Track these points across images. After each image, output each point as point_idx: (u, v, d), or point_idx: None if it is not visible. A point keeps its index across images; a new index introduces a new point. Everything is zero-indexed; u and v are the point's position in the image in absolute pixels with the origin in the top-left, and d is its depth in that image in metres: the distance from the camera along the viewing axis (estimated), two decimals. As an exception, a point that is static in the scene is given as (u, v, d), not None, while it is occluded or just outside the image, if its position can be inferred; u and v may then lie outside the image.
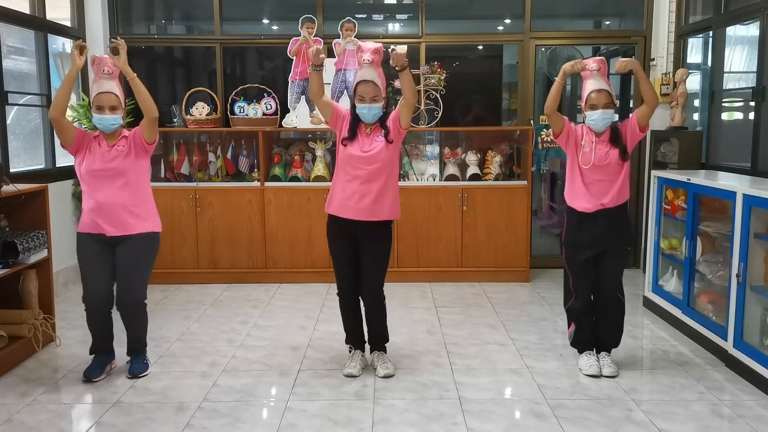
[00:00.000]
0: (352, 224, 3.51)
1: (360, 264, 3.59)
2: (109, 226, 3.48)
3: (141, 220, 3.54)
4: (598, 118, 3.46)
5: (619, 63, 3.49)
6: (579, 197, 3.55)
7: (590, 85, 3.48)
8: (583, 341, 3.72)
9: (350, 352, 3.76)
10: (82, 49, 3.41)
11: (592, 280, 3.62)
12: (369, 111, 3.43)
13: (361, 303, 3.69)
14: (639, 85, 3.50)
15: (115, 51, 3.46)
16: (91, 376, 3.56)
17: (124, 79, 3.50)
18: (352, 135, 3.48)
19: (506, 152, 5.85)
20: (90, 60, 3.51)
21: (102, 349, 3.66)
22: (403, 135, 3.54)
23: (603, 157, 3.46)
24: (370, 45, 3.46)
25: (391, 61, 3.35)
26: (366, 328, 3.76)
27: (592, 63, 3.48)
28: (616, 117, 3.59)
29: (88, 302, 3.56)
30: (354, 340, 3.76)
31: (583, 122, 3.59)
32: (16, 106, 4.98)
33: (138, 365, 3.67)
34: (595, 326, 3.69)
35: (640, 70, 3.51)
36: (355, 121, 3.51)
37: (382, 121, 3.51)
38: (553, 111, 3.51)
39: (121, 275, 3.56)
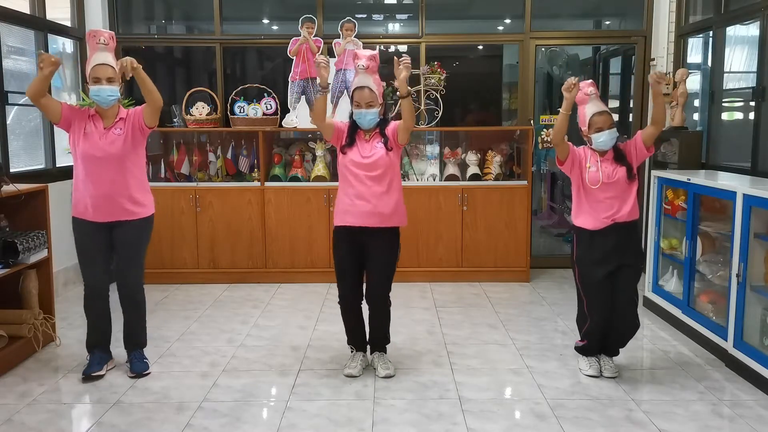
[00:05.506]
0: (358, 231, 3.51)
1: (367, 269, 3.60)
2: (106, 213, 3.48)
3: (139, 206, 3.54)
4: (606, 139, 3.44)
5: (654, 77, 3.45)
6: (588, 216, 3.52)
7: (591, 109, 3.46)
8: (589, 350, 3.70)
9: (351, 352, 3.76)
10: (47, 61, 3.24)
11: (609, 301, 3.53)
12: (365, 116, 3.46)
13: (364, 306, 3.68)
14: (654, 105, 3.50)
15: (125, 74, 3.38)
16: (90, 371, 3.56)
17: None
18: (351, 141, 3.51)
19: (506, 152, 5.85)
20: (86, 35, 3.47)
21: (98, 343, 3.65)
22: (401, 148, 3.59)
23: (611, 174, 3.45)
24: (365, 52, 3.50)
25: (396, 83, 3.42)
26: (368, 330, 3.76)
27: (589, 88, 3.46)
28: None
29: (88, 285, 3.58)
30: (356, 341, 3.76)
31: (585, 146, 3.57)
32: (16, 106, 4.97)
33: (139, 364, 3.66)
34: (604, 336, 3.65)
35: (660, 94, 3.49)
36: (354, 128, 3.54)
37: (381, 129, 3.53)
38: (560, 142, 3.49)
39: (120, 260, 3.58)
